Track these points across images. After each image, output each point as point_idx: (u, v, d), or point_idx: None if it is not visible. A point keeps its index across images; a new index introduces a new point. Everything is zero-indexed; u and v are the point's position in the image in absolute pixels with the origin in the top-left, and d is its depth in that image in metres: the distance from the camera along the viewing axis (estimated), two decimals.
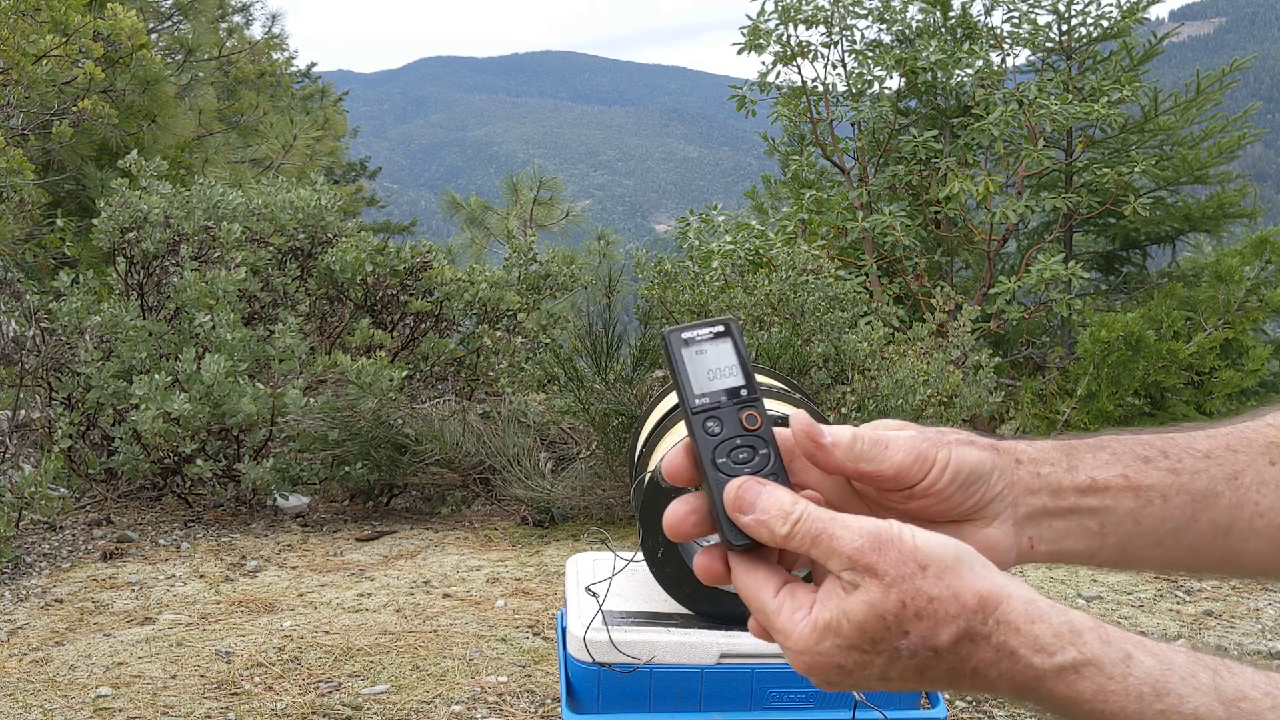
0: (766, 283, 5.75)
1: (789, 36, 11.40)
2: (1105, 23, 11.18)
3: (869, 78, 11.59)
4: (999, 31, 11.54)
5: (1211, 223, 11.50)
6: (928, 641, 0.57)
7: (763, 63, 11.78)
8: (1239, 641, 3.31)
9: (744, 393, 0.68)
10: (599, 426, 4.87)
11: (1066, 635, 0.56)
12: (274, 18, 17.12)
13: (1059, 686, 0.55)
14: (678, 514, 0.67)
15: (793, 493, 0.63)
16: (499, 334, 6.16)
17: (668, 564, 2.00)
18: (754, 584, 0.64)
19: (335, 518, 5.27)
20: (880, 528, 0.59)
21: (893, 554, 0.58)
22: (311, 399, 5.10)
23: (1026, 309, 10.61)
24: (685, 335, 0.69)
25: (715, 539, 0.68)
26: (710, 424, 0.67)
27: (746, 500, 0.63)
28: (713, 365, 0.68)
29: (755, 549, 0.65)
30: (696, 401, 0.67)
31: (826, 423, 0.68)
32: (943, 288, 6.71)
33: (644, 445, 2.21)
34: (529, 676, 2.97)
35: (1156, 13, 12.60)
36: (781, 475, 0.66)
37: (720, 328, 0.69)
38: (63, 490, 5.33)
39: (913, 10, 11.73)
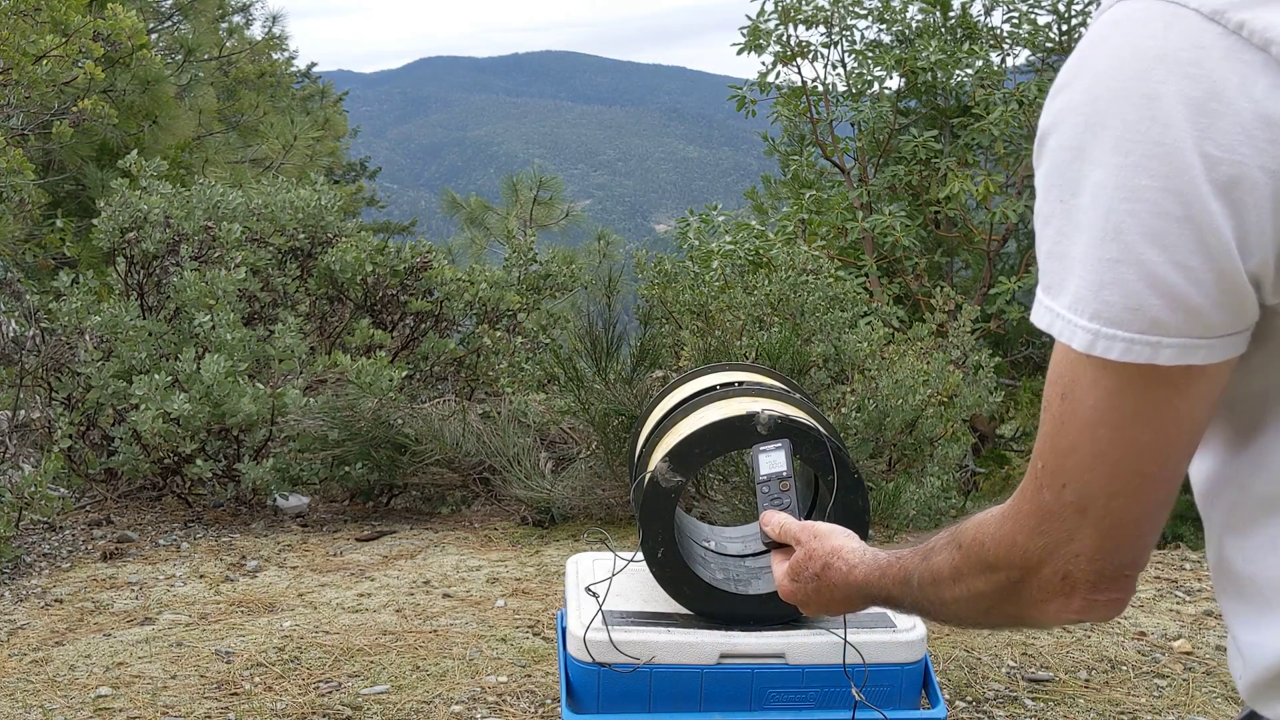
0: (766, 283, 5.74)
1: (789, 37, 11.40)
2: None
3: (869, 78, 11.59)
4: (999, 31, 11.54)
5: None
6: (813, 570, 1.16)
7: (763, 63, 11.77)
8: None
9: (784, 474, 1.42)
10: (599, 426, 4.87)
11: (855, 559, 1.12)
12: (274, 18, 17.09)
13: (850, 576, 1.11)
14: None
15: (787, 515, 1.29)
16: (499, 334, 6.16)
17: (668, 564, 2.00)
18: (774, 559, 1.27)
19: (335, 518, 5.27)
20: (807, 523, 1.23)
21: (806, 533, 1.20)
22: (311, 399, 5.10)
23: (1026, 309, 10.59)
24: (762, 448, 1.47)
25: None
26: (765, 487, 1.40)
27: (766, 520, 1.30)
28: (773, 461, 1.44)
29: (776, 545, 1.28)
30: (761, 476, 1.42)
31: (826, 422, 1.07)
32: (943, 288, 6.71)
33: (644, 445, 2.21)
34: (529, 676, 2.97)
35: None
36: (794, 510, 1.34)
37: (779, 445, 1.47)
38: (63, 490, 5.32)
39: (913, 10, 11.72)
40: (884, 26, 11.78)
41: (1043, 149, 0.75)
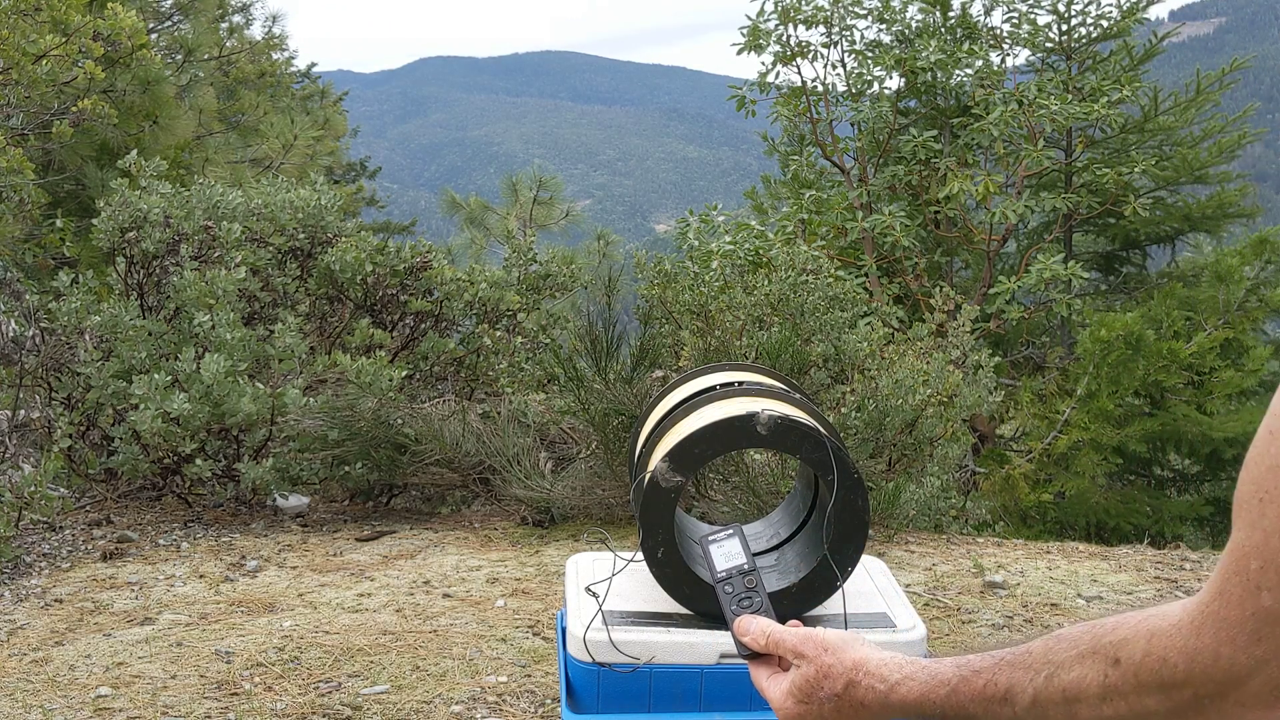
0: (766, 283, 5.74)
1: (789, 37, 11.40)
2: (1105, 23, 11.18)
3: (869, 78, 11.58)
4: (999, 31, 11.54)
5: (1211, 223, 11.49)
6: (832, 691, 1.00)
7: (762, 63, 11.77)
8: None
9: (746, 567, 1.18)
10: (599, 426, 4.87)
11: (893, 674, 0.97)
12: (274, 18, 17.07)
13: (891, 695, 0.97)
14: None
15: (769, 621, 1.08)
16: (499, 334, 6.16)
17: (668, 564, 2.00)
18: (757, 675, 1.09)
19: (335, 518, 5.27)
20: (807, 632, 1.05)
21: (811, 645, 1.03)
22: (311, 399, 5.10)
23: (1026, 309, 10.60)
24: (711, 539, 1.22)
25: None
26: (727, 587, 1.16)
27: (742, 629, 1.10)
28: (728, 553, 1.20)
29: (755, 656, 1.08)
30: (719, 574, 1.18)
31: (826, 422, 0.94)
32: (943, 288, 6.71)
33: (644, 445, 2.21)
34: (529, 676, 2.97)
35: (1156, 13, 12.60)
36: (769, 610, 1.12)
37: (731, 531, 1.23)
38: (63, 490, 5.33)
39: (912, 10, 11.72)
40: (884, 26, 11.78)
41: None
